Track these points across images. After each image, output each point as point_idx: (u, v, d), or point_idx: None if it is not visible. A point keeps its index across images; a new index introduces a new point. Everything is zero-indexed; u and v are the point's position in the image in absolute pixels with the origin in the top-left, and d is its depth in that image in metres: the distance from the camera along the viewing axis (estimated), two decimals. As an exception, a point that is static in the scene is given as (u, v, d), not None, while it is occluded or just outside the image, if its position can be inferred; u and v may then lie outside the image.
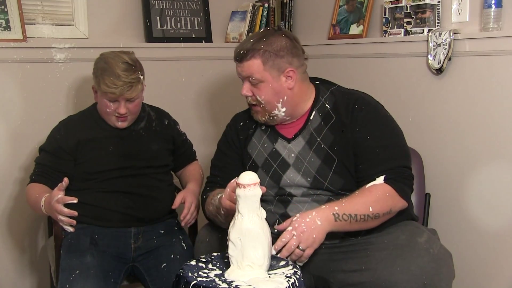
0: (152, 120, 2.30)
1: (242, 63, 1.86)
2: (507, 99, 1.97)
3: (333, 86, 1.97)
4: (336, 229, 1.68)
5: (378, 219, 1.73)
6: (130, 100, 2.12)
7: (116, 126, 2.18)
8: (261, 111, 1.89)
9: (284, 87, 1.86)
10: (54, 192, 1.95)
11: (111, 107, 2.13)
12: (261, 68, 1.84)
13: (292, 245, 1.61)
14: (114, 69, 2.05)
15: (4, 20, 2.44)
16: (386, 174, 1.76)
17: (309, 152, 1.87)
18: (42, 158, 2.19)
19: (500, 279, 2.05)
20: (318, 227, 1.64)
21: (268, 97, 1.86)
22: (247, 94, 1.88)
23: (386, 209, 1.73)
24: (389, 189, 1.75)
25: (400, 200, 1.76)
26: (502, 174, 2.00)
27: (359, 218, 1.69)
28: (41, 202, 2.01)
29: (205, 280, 1.49)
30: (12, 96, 2.50)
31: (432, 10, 2.19)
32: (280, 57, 1.84)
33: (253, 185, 1.50)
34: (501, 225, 2.02)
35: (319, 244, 1.64)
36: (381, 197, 1.73)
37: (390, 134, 1.86)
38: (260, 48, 1.84)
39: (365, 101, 1.89)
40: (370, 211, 1.70)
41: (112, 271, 2.05)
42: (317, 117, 1.90)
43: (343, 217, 1.67)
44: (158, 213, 2.24)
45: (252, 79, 1.85)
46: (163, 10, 2.86)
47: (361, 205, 1.70)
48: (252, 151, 1.98)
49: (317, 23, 2.84)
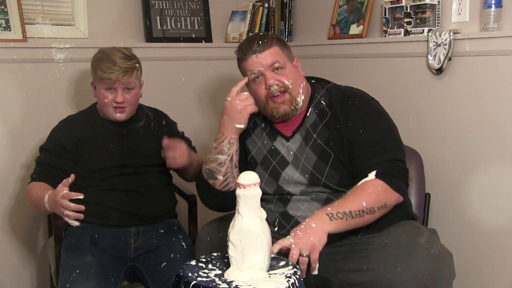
0: (150, 120, 2.31)
1: (263, 52, 1.85)
2: (507, 99, 1.97)
3: (328, 84, 1.98)
4: (335, 229, 1.67)
5: (374, 214, 1.71)
6: (128, 88, 2.14)
7: (114, 119, 2.19)
8: (288, 98, 1.86)
9: (300, 73, 1.92)
10: (59, 188, 1.93)
11: (108, 97, 2.14)
12: (281, 53, 1.88)
13: (294, 255, 1.60)
14: (110, 57, 2.12)
15: (4, 20, 2.44)
16: (378, 169, 1.76)
17: (305, 148, 1.88)
18: (43, 157, 2.19)
19: (500, 279, 2.05)
20: (314, 229, 1.63)
21: (294, 81, 1.87)
22: (275, 82, 1.85)
23: (380, 203, 1.72)
24: (381, 183, 1.74)
25: (393, 193, 1.75)
26: (502, 174, 2.00)
27: (354, 215, 1.68)
28: (44, 199, 2.00)
29: (205, 280, 1.49)
30: (12, 96, 2.50)
31: (432, 10, 2.19)
32: (288, 48, 1.94)
33: (253, 185, 1.49)
34: (501, 225, 2.02)
35: (322, 245, 1.63)
36: (374, 192, 1.72)
37: (382, 127, 1.85)
38: (274, 38, 1.90)
39: (359, 96, 1.91)
40: (364, 206, 1.69)
41: (112, 270, 2.05)
42: (313, 113, 1.91)
43: (337, 215, 1.66)
44: (158, 212, 2.24)
45: (279, 63, 1.85)
46: (163, 10, 2.86)
47: (354, 202, 1.69)
48: (252, 147, 1.98)
49: (317, 23, 2.84)
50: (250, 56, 1.86)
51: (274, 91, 1.85)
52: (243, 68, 1.91)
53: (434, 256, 1.65)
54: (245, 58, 1.87)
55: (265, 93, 1.86)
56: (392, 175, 1.77)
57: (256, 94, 1.90)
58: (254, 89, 1.90)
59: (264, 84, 1.86)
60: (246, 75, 1.90)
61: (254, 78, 1.88)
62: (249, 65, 1.87)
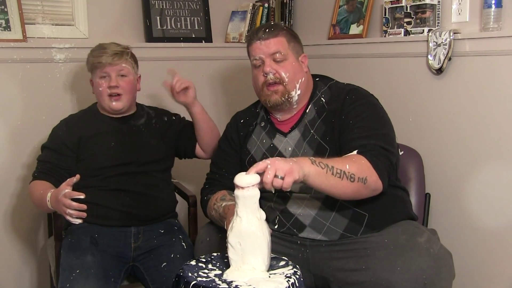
0: (151, 117, 2.32)
1: (268, 40, 1.89)
2: (507, 99, 1.97)
3: (331, 81, 2.00)
4: (313, 174, 1.56)
5: (353, 183, 1.63)
6: (121, 75, 2.18)
7: (111, 108, 2.20)
8: (281, 90, 1.89)
9: (302, 69, 1.94)
10: (62, 186, 1.92)
11: (103, 85, 2.17)
12: (286, 45, 1.91)
13: (268, 175, 1.48)
14: (102, 45, 2.22)
15: (4, 20, 2.44)
16: (360, 148, 1.72)
17: (303, 144, 1.89)
18: (45, 155, 2.19)
19: (500, 279, 2.05)
20: (294, 161, 1.54)
21: (291, 75, 1.89)
22: (271, 71, 1.89)
23: (362, 174, 1.64)
24: (363, 158, 1.69)
25: (374, 173, 1.68)
26: (502, 174, 2.00)
27: (335, 172, 1.59)
28: (47, 198, 1.99)
29: (205, 280, 1.49)
30: (12, 96, 2.50)
31: (432, 10, 2.19)
32: (298, 42, 1.97)
33: (252, 186, 1.48)
34: (501, 225, 2.02)
35: (298, 174, 1.51)
36: (357, 161, 1.67)
37: (373, 119, 1.83)
38: (284, 28, 1.94)
39: (357, 91, 1.92)
40: (346, 168, 1.62)
41: (112, 270, 2.05)
42: (313, 110, 1.93)
43: (319, 164, 1.58)
44: (158, 212, 2.24)
45: (280, 54, 1.89)
46: (163, 10, 2.86)
47: (338, 162, 1.63)
48: (251, 147, 1.99)
49: (317, 23, 2.84)
50: (255, 41, 1.92)
51: (270, 80, 1.90)
52: (248, 52, 1.97)
53: (434, 256, 1.65)
54: (251, 43, 1.94)
55: (263, 80, 1.91)
56: (374, 155, 1.71)
57: (254, 80, 1.96)
58: (254, 74, 1.96)
59: (262, 71, 1.91)
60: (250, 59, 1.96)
61: (255, 63, 1.93)
62: (253, 50, 1.93)
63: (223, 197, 1.89)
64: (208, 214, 1.97)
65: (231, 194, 1.87)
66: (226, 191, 1.93)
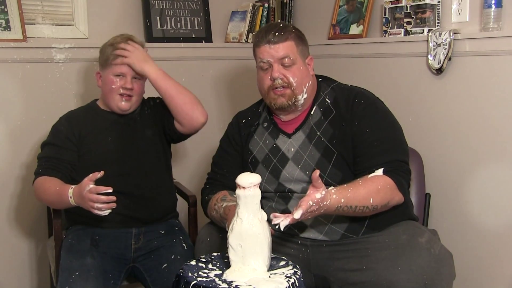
0: (143, 106, 2.30)
1: (277, 44, 1.86)
2: (507, 99, 1.97)
3: (334, 83, 1.99)
4: (334, 213, 1.71)
5: (375, 211, 1.73)
6: (136, 78, 2.17)
7: (119, 107, 2.18)
8: (289, 94, 1.88)
9: (309, 72, 1.92)
10: (85, 182, 1.84)
11: (116, 83, 2.15)
12: (295, 50, 1.88)
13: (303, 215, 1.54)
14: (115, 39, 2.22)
15: (4, 20, 2.44)
16: (384, 167, 1.76)
17: (309, 145, 1.88)
18: (47, 151, 2.15)
19: (500, 279, 2.05)
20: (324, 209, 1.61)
21: (299, 79, 1.87)
22: (279, 76, 1.86)
23: (384, 201, 1.72)
24: (390, 181, 1.74)
25: (398, 193, 1.76)
26: (502, 174, 2.00)
27: (358, 210, 1.68)
28: (68, 194, 1.91)
29: (205, 280, 1.49)
30: (12, 96, 2.50)
31: (432, 10, 2.19)
32: (305, 44, 1.94)
33: (253, 186, 1.48)
34: (501, 225, 2.02)
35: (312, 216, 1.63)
36: (382, 189, 1.72)
37: (388, 127, 1.86)
38: (293, 32, 1.89)
39: (364, 95, 1.91)
40: (370, 203, 1.69)
41: (112, 272, 2.05)
42: (318, 111, 1.92)
43: (343, 209, 1.66)
44: (159, 213, 2.23)
45: (289, 59, 1.86)
46: (163, 10, 2.86)
47: (364, 197, 1.68)
48: (254, 148, 1.99)
49: (317, 23, 2.84)
50: (264, 44, 1.88)
51: (277, 84, 1.87)
52: (255, 54, 1.93)
53: (434, 256, 1.65)
54: (259, 45, 1.89)
55: (269, 83, 1.89)
56: (399, 174, 1.77)
57: (260, 82, 1.93)
58: (260, 77, 1.93)
59: (270, 75, 1.88)
60: (256, 60, 1.93)
61: (262, 66, 1.90)
62: (261, 52, 1.89)
63: (223, 197, 1.89)
64: (209, 214, 1.96)
65: (232, 195, 1.87)
66: (227, 192, 1.92)
